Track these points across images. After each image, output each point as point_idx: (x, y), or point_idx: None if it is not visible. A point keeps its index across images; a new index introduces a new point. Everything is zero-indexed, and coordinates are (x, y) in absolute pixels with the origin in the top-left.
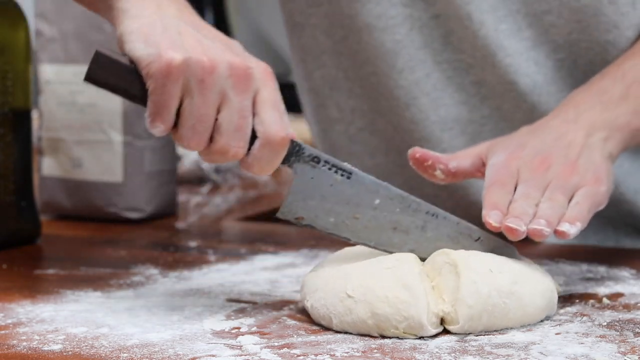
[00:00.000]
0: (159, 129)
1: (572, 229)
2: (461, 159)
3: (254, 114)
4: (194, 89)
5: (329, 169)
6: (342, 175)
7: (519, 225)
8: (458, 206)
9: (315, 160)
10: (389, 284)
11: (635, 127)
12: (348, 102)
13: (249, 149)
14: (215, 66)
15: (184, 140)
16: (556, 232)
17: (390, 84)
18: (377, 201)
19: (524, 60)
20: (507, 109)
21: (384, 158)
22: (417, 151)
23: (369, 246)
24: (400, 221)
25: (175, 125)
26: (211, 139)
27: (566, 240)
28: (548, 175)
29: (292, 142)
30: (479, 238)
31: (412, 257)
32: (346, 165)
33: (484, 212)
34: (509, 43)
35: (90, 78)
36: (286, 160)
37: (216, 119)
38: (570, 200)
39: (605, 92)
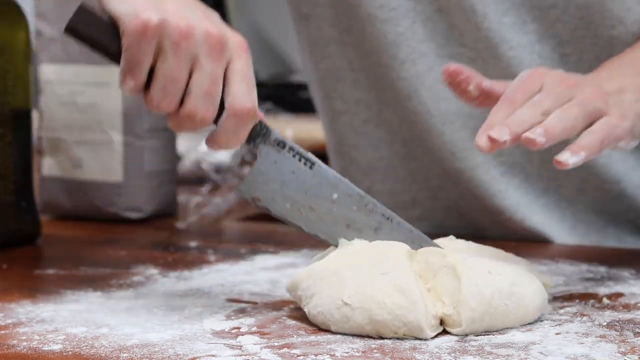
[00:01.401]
0: (129, 86)
1: (572, 158)
2: (495, 82)
3: (224, 85)
4: (168, 51)
5: (293, 156)
6: (305, 164)
7: (500, 134)
8: (462, 198)
9: (281, 145)
10: (386, 289)
11: None
12: (353, 94)
13: (217, 122)
14: (191, 31)
15: (154, 101)
16: (554, 161)
17: (393, 75)
18: (335, 195)
19: (528, 54)
20: None
21: (387, 151)
22: (450, 65)
23: (319, 238)
24: (355, 219)
25: (147, 87)
26: (181, 103)
27: (565, 169)
28: (573, 91)
29: (261, 123)
30: None
31: (405, 260)
32: (310, 155)
33: (476, 137)
34: (512, 36)
35: (70, 29)
36: (252, 141)
37: (187, 84)
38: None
39: (637, 61)
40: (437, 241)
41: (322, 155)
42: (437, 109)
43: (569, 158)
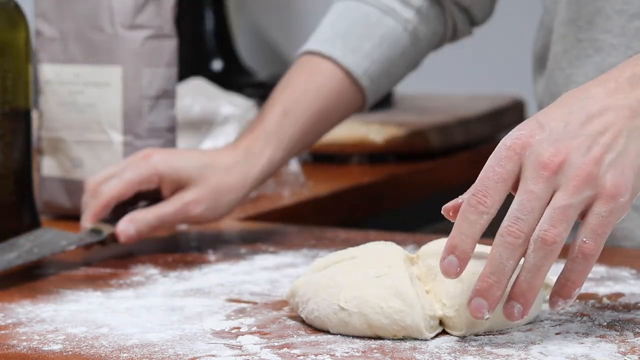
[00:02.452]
0: None
1: (567, 303)
2: None
3: None
4: None
5: None
6: None
7: (480, 309)
8: None
9: None
10: (382, 293)
11: None
12: None
13: None
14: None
15: None
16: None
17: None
18: None
19: None
20: None
21: None
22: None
23: None
24: None
25: None
26: None
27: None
28: (557, 180)
29: None
30: None
31: (401, 262)
32: None
33: (442, 255)
34: None
35: None
36: None
37: None
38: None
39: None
40: (439, 241)
41: (323, 156)
42: (567, 91)
43: (564, 304)
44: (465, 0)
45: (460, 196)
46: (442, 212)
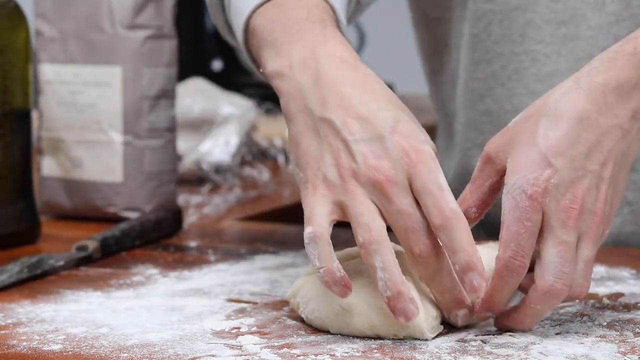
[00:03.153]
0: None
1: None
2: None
3: None
4: None
5: None
6: None
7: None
8: None
9: None
10: None
11: None
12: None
13: None
14: None
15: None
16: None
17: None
18: None
19: (604, 35)
20: None
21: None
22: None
23: None
24: None
25: None
26: None
27: None
28: (579, 226)
29: None
30: None
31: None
32: None
33: (477, 307)
34: (593, 15)
35: None
36: None
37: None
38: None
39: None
40: None
41: None
42: (511, 104)
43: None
44: None
45: None
46: None
